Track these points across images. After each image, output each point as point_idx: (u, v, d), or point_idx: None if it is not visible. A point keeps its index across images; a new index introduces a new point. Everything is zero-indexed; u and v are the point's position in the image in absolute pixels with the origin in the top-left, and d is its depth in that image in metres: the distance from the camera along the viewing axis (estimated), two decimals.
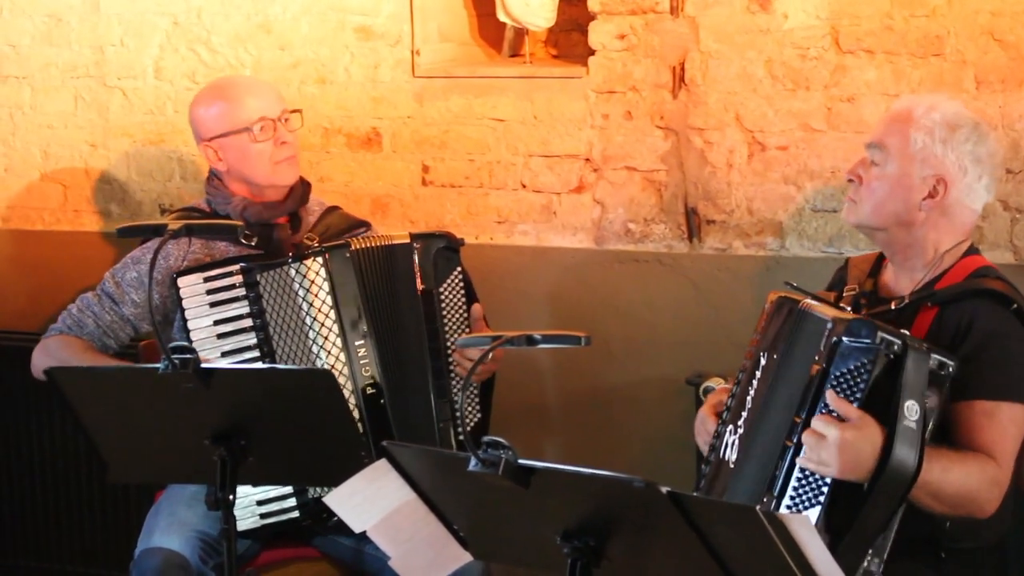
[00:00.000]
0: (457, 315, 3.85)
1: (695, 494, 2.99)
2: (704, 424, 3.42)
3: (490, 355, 3.69)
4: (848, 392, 3.00)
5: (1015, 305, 3.19)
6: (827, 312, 3.12)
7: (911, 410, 2.94)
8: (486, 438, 2.49)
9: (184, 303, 3.74)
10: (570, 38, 4.82)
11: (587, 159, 4.43)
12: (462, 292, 3.88)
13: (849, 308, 3.28)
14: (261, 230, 3.88)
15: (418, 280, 3.83)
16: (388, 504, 2.76)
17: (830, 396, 2.99)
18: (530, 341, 2.76)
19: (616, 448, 4.47)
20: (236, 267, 3.76)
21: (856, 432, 2.94)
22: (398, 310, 3.83)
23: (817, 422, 2.98)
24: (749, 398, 3.27)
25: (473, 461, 2.50)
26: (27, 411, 4.82)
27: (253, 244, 3.86)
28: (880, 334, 2.97)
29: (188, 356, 3.04)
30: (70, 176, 5.01)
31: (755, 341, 3.34)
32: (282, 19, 4.70)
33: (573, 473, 2.46)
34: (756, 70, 4.21)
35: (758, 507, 2.36)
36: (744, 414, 3.27)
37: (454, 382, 3.83)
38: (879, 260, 3.44)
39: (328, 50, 4.67)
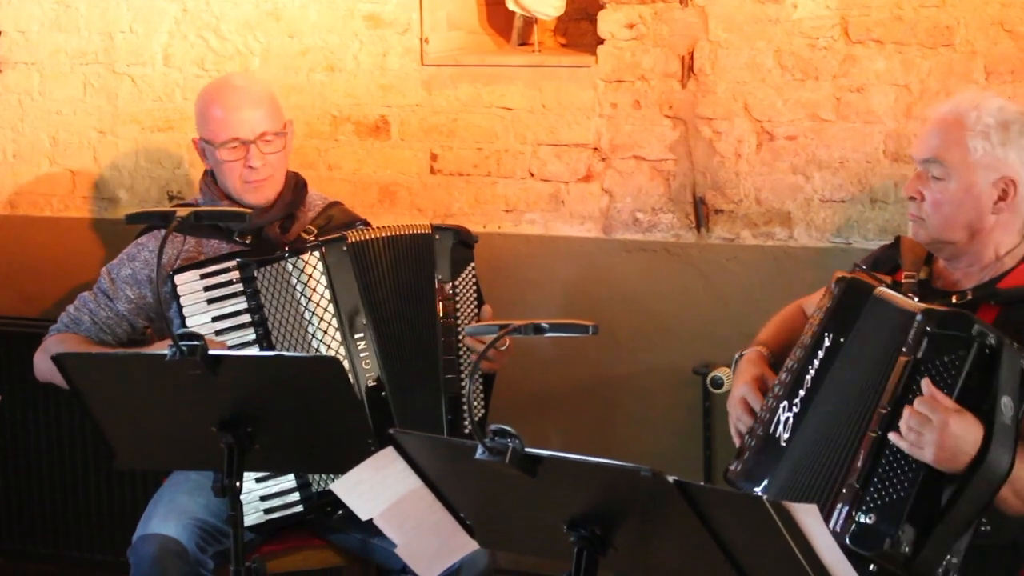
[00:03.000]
0: (468, 310, 3.86)
1: (702, 484, 3.00)
2: (749, 398, 3.35)
3: (504, 345, 3.75)
4: (941, 384, 2.93)
5: None
6: (910, 305, 3.06)
7: (1007, 407, 2.90)
8: (493, 426, 2.49)
9: (181, 300, 3.75)
10: (579, 27, 4.81)
11: (595, 148, 4.42)
12: (474, 289, 3.89)
13: (916, 298, 3.19)
14: (251, 230, 3.88)
15: (436, 272, 3.83)
16: (394, 492, 2.77)
17: (926, 384, 2.93)
18: (537, 330, 2.77)
19: (623, 437, 4.47)
20: (232, 263, 3.77)
21: (961, 420, 2.89)
22: (407, 301, 3.83)
23: (921, 404, 2.91)
24: (808, 377, 3.22)
25: (480, 449, 2.50)
26: (34, 396, 4.83)
27: (247, 242, 3.86)
28: (976, 327, 2.92)
29: (196, 343, 3.04)
30: (78, 163, 5.02)
31: (816, 319, 3.28)
32: (291, 6, 4.70)
33: (580, 462, 2.46)
34: (765, 60, 4.21)
35: (764, 496, 2.35)
36: (802, 392, 3.21)
37: (463, 375, 3.83)
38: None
39: (337, 38, 4.66)
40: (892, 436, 2.95)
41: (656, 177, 4.37)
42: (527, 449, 2.48)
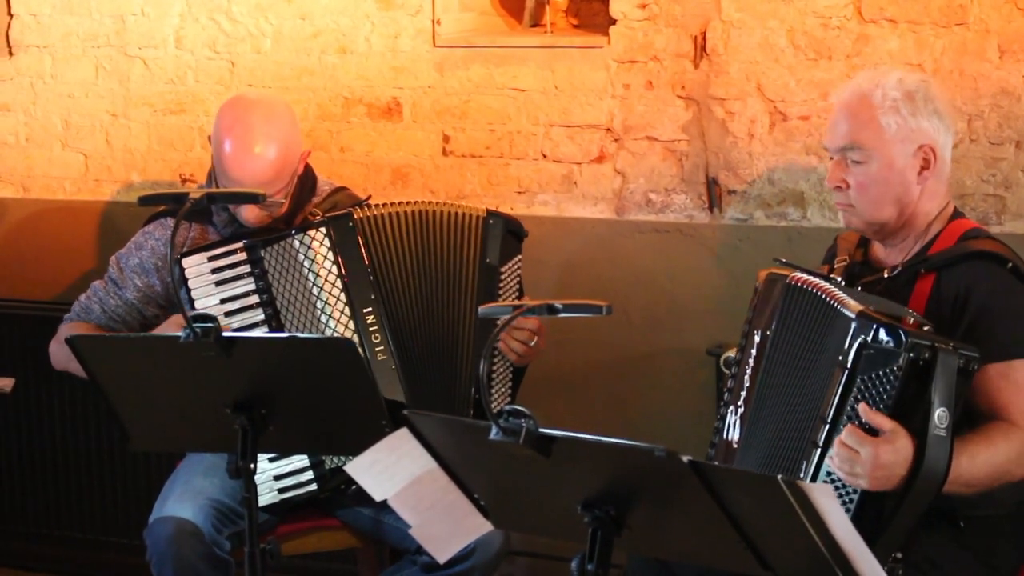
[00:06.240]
0: (511, 299, 3.86)
1: (717, 464, 3.00)
2: None
3: (533, 341, 3.75)
4: (876, 398, 2.96)
5: (1010, 264, 3.18)
6: (848, 305, 3.06)
7: (941, 418, 2.92)
8: (507, 407, 2.49)
9: (189, 283, 3.75)
10: (591, 7, 4.80)
11: (608, 129, 4.42)
12: (517, 281, 3.89)
13: (842, 280, 3.26)
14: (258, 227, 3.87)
15: (486, 255, 3.83)
16: (409, 473, 2.77)
17: (863, 409, 2.95)
18: (551, 310, 2.76)
19: (637, 417, 4.47)
20: (239, 244, 3.77)
21: (889, 447, 2.91)
22: (435, 279, 3.82)
23: (849, 437, 2.94)
24: (747, 376, 3.29)
25: (494, 430, 2.49)
26: (47, 379, 4.83)
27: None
28: (911, 339, 2.92)
29: (210, 325, 3.04)
30: (91, 146, 5.02)
31: (747, 319, 3.35)
32: None
33: (594, 442, 2.46)
34: (778, 39, 4.19)
35: (779, 476, 2.35)
36: (743, 393, 3.28)
37: (497, 360, 3.82)
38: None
39: (349, 20, 4.66)
40: (828, 463, 2.99)
41: (669, 158, 4.37)
42: (541, 429, 2.48)
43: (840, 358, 3.01)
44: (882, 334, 2.96)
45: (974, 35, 4.01)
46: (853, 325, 3.01)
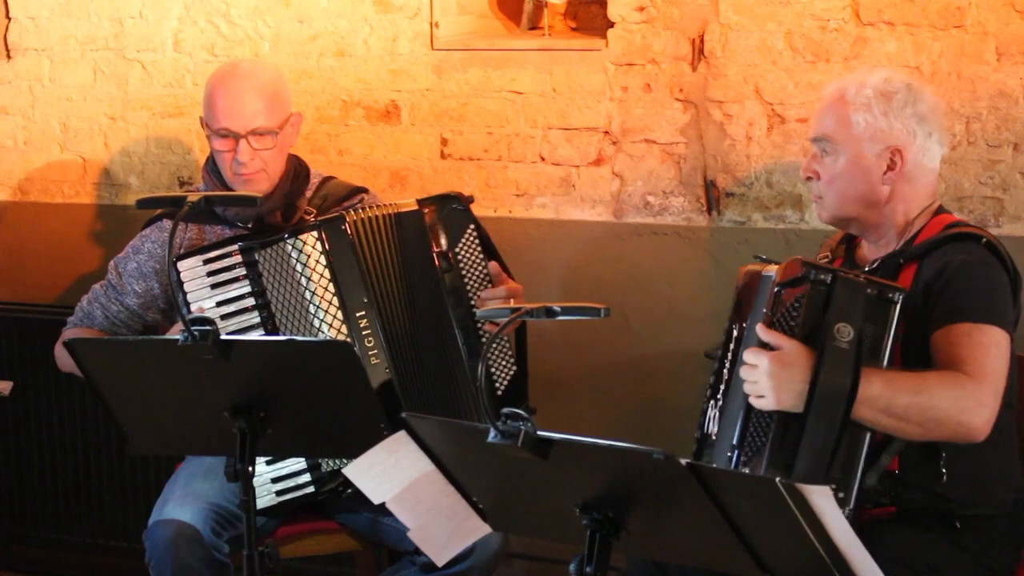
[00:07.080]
0: (477, 272, 3.84)
1: (715, 466, 3.01)
2: None
3: (511, 302, 3.75)
4: (785, 327, 3.03)
5: (984, 240, 3.21)
6: (773, 268, 3.18)
7: (842, 332, 2.96)
8: (505, 410, 2.49)
9: (185, 286, 3.75)
10: (589, 10, 4.80)
11: (606, 132, 4.42)
12: (478, 248, 3.86)
13: None
14: (252, 219, 3.87)
15: (432, 245, 3.82)
16: (407, 476, 2.77)
17: (759, 328, 3.03)
18: (549, 313, 2.77)
19: (634, 420, 4.47)
20: (235, 247, 3.77)
21: (784, 357, 2.98)
22: (409, 278, 3.82)
23: (748, 354, 3.02)
24: (725, 371, 3.32)
25: (492, 433, 2.50)
26: (47, 382, 4.84)
27: (249, 227, 3.86)
28: (809, 268, 3.01)
29: (208, 328, 3.04)
30: (89, 149, 5.02)
31: (730, 317, 3.38)
32: None
33: (592, 445, 2.46)
34: (776, 42, 4.20)
35: (778, 479, 2.36)
36: (722, 387, 3.32)
37: (483, 341, 3.82)
38: (852, 236, 3.47)
39: (347, 23, 4.66)
40: (745, 390, 3.06)
41: (667, 160, 4.37)
42: (539, 432, 2.49)
43: (765, 310, 3.11)
44: (786, 271, 3.08)
45: (972, 38, 4.02)
46: (773, 278, 3.12)
